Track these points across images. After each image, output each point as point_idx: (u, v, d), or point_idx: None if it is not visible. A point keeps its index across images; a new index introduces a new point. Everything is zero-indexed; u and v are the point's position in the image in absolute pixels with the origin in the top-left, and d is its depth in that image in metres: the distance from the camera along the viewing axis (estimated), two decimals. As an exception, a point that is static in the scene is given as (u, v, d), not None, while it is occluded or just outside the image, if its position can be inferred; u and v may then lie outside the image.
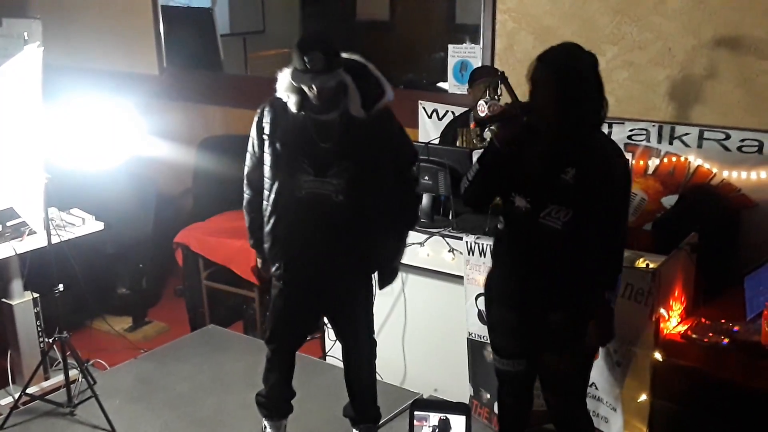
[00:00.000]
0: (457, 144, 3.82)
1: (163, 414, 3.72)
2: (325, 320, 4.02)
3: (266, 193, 2.98)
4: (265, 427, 3.37)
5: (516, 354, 2.85)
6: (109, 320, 4.60)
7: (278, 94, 2.88)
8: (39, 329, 3.98)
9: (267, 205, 2.98)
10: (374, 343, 3.26)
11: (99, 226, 4.09)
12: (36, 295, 3.95)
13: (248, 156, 3.05)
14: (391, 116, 2.96)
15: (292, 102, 2.85)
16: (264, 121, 2.95)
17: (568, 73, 2.51)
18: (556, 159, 2.57)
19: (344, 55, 2.86)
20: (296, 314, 3.14)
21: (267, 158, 2.95)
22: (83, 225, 4.03)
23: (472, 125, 3.55)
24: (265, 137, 2.93)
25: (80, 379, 3.74)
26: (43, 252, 3.67)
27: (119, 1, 5.53)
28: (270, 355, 3.24)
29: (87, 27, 5.70)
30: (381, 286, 3.18)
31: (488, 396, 3.52)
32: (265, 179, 2.97)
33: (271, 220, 2.98)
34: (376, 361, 3.79)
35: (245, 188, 3.10)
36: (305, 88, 2.77)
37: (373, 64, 2.94)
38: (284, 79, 2.84)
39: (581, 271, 2.61)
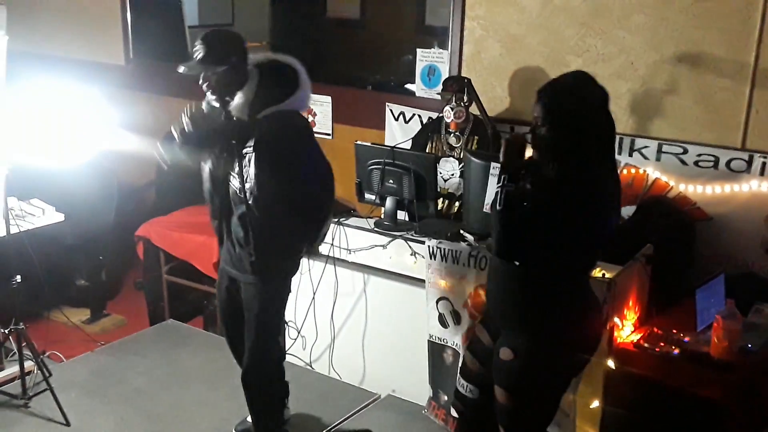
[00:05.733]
0: (427, 150, 3.86)
1: (119, 408, 3.70)
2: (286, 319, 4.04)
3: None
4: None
5: (474, 379, 2.81)
6: (67, 312, 4.56)
7: None
8: (-6, 320, 3.93)
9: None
10: (268, 357, 3.21)
11: (59, 217, 4.06)
12: (-8, 285, 3.90)
13: None
14: (271, 123, 2.86)
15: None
16: None
17: (562, 125, 2.43)
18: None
19: (272, 56, 2.94)
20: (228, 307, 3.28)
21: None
22: (43, 216, 3.99)
23: None
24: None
25: (35, 371, 3.71)
26: (2, 242, 3.62)
27: (87, -11, 5.48)
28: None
29: (53, 13, 5.62)
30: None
31: (446, 398, 3.57)
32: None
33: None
34: (334, 362, 3.81)
35: None
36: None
37: (299, 65, 2.98)
38: None
39: (534, 310, 2.56)
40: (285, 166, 2.89)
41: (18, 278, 3.60)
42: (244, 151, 2.90)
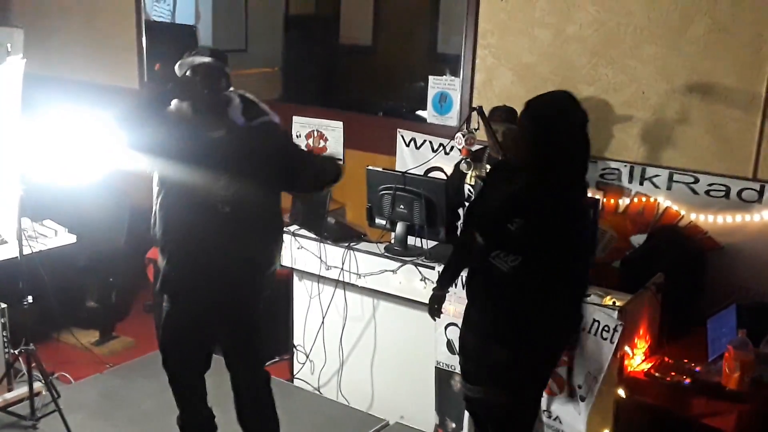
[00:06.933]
0: (467, 178, 3.85)
1: (127, 431, 3.69)
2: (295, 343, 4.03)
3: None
4: None
5: (474, 379, 2.87)
6: (76, 333, 4.56)
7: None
8: (5, 340, 3.93)
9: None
10: (268, 376, 3.21)
11: (71, 238, 4.08)
12: (4, 305, 3.90)
13: None
14: (276, 127, 3.02)
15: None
16: None
17: (546, 132, 2.55)
18: (507, 207, 2.62)
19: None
20: (187, 333, 3.13)
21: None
22: (55, 237, 4.01)
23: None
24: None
25: (44, 393, 3.71)
26: (14, 262, 3.64)
27: (103, 14, 5.54)
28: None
29: (69, 37, 5.69)
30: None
31: (453, 425, 3.55)
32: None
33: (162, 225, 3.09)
34: (343, 387, 3.79)
35: None
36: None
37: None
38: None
39: (525, 313, 2.63)
40: None
41: (29, 299, 3.62)
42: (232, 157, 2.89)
